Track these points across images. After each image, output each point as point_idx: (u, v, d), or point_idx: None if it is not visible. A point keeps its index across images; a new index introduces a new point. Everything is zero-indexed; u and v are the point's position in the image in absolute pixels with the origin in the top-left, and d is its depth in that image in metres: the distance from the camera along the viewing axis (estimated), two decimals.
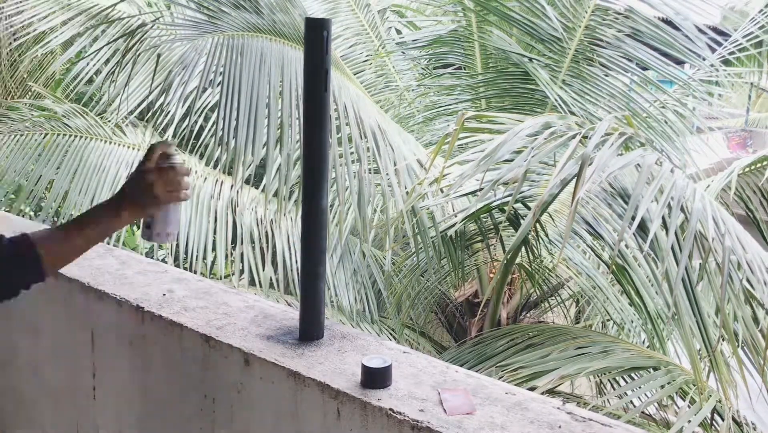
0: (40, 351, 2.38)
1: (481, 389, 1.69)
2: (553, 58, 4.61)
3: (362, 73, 5.38)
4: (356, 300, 4.34)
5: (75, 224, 1.46)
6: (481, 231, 3.78)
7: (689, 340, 2.74)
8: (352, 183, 3.46)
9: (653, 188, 2.34)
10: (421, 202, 3.47)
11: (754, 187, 3.85)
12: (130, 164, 4.55)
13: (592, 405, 3.47)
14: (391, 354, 1.83)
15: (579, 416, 1.59)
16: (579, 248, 3.92)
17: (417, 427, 1.56)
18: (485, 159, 2.53)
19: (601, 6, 4.65)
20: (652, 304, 3.42)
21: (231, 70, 3.36)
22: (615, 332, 4.29)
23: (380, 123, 3.58)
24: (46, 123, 4.62)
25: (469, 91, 4.96)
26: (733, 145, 14.41)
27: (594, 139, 2.33)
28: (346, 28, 5.50)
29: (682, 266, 2.32)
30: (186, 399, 2.02)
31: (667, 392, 3.10)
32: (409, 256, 4.24)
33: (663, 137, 4.73)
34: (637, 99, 4.89)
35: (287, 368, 1.78)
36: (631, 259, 3.34)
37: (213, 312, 2.08)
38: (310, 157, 1.89)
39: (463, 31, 5.05)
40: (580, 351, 3.21)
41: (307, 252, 1.94)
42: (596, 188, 3.19)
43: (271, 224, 4.41)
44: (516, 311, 4.32)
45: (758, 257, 2.43)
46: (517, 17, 4.64)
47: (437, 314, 4.68)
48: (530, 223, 2.99)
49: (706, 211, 2.34)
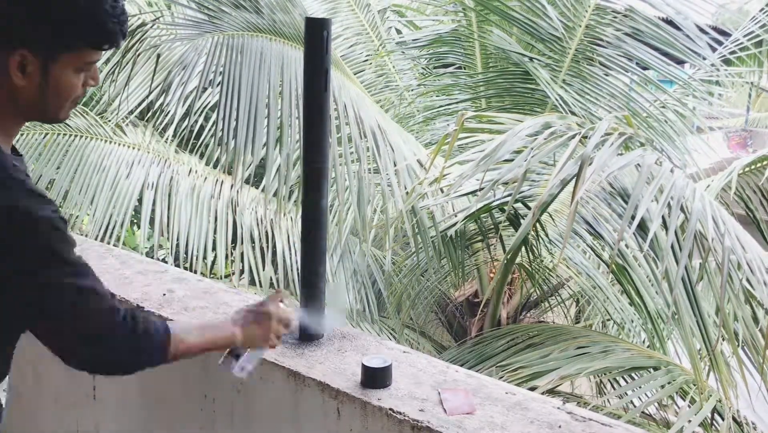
0: (41, 351, 2.38)
1: (481, 389, 1.69)
2: (554, 57, 4.61)
3: (362, 72, 5.38)
4: (356, 300, 4.34)
5: (206, 331, 1.51)
6: (481, 231, 3.78)
7: (689, 340, 2.74)
8: (352, 183, 3.46)
9: (653, 188, 2.34)
10: (421, 202, 3.47)
11: (754, 187, 3.85)
12: (131, 164, 4.55)
13: (592, 405, 3.47)
14: (391, 354, 1.83)
15: (579, 416, 1.59)
16: (579, 247, 3.92)
17: (417, 427, 1.56)
18: (485, 159, 2.53)
19: (601, 5, 4.65)
20: (652, 304, 3.42)
21: (231, 69, 3.36)
22: (615, 331, 4.29)
23: (380, 123, 3.58)
24: None
25: (469, 91, 4.95)
26: (734, 145, 14.41)
27: (594, 139, 2.33)
28: (346, 27, 5.50)
29: (682, 266, 2.32)
30: (186, 399, 2.02)
31: (668, 392, 3.10)
32: (409, 256, 4.23)
33: (663, 137, 4.73)
34: (638, 99, 4.88)
35: (287, 367, 1.78)
36: (631, 258, 3.34)
37: (213, 312, 2.08)
38: (310, 156, 1.89)
39: (464, 31, 5.05)
40: (580, 351, 3.21)
41: (307, 252, 1.94)
42: (596, 188, 3.19)
43: (271, 224, 4.41)
44: (516, 310, 4.32)
45: (758, 256, 2.43)
46: (517, 17, 4.64)
47: (437, 313, 4.68)
48: (530, 223, 2.99)
49: (706, 211, 2.34)
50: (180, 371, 2.03)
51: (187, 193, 4.46)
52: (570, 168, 2.42)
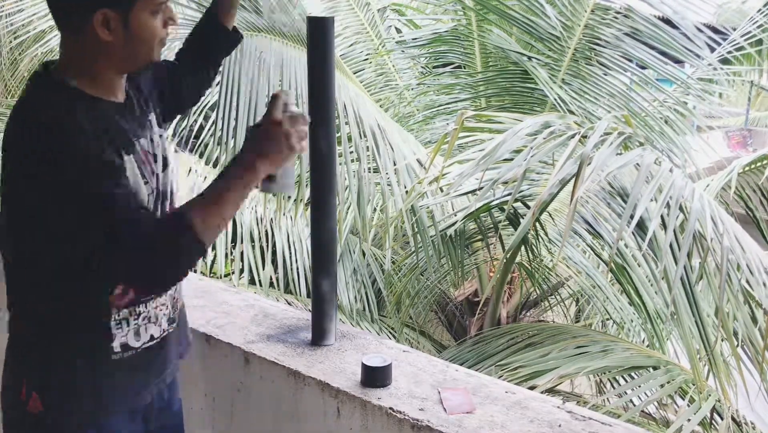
0: None
1: (481, 388, 1.69)
2: (553, 57, 4.61)
3: (362, 72, 5.38)
4: (356, 299, 4.34)
5: (220, 186, 1.36)
6: (480, 230, 3.79)
7: (688, 339, 2.75)
8: (352, 182, 3.46)
9: (652, 187, 2.34)
10: (421, 201, 3.48)
11: (754, 186, 3.85)
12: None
13: (591, 404, 3.47)
14: (391, 353, 1.83)
15: (579, 415, 1.59)
16: (578, 247, 3.93)
17: (417, 426, 1.56)
18: (485, 158, 2.53)
19: (600, 5, 4.65)
20: (652, 303, 3.42)
21: (230, 69, 3.36)
22: (614, 331, 4.29)
23: (380, 122, 3.58)
24: None
25: (469, 90, 4.96)
26: (734, 144, 14.40)
27: (593, 138, 2.33)
28: (345, 27, 5.50)
29: (681, 266, 2.32)
30: (186, 398, 2.02)
31: (667, 391, 3.11)
32: (408, 255, 4.24)
33: (662, 136, 4.73)
34: (637, 98, 4.89)
35: (287, 367, 1.78)
36: (630, 258, 3.34)
37: (213, 311, 2.08)
38: (316, 155, 1.88)
39: (463, 30, 5.06)
40: (579, 350, 3.21)
41: (318, 253, 1.92)
42: (595, 187, 3.19)
43: (271, 223, 4.41)
44: (516, 310, 4.33)
45: (757, 257, 2.43)
46: (516, 16, 4.64)
47: (437, 313, 4.68)
48: (530, 222, 2.99)
49: (705, 211, 2.34)
50: (180, 371, 2.03)
51: (186, 192, 4.46)
52: (569, 167, 2.42)
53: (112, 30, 1.34)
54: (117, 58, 1.38)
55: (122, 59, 1.39)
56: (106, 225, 1.28)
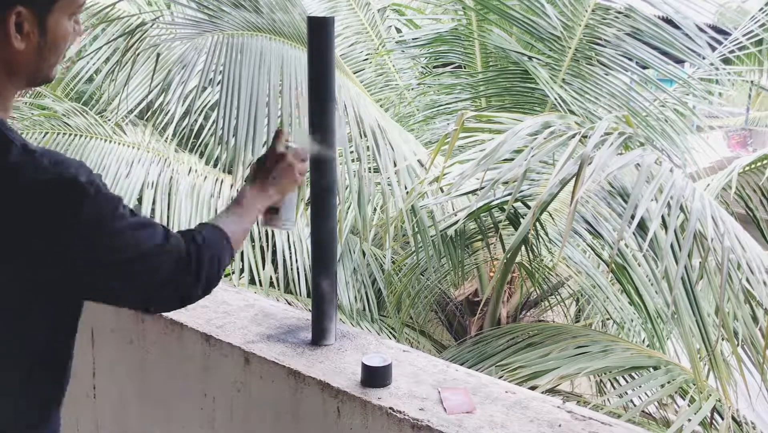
0: None
1: (481, 388, 1.69)
2: (553, 56, 4.61)
3: (362, 71, 5.38)
4: (356, 299, 4.34)
5: (241, 206, 1.45)
6: (481, 230, 3.79)
7: (689, 339, 2.75)
8: (352, 182, 3.46)
9: (653, 187, 2.34)
10: (421, 201, 3.48)
11: (754, 186, 3.86)
12: (130, 163, 4.55)
13: (592, 404, 3.47)
14: (391, 353, 1.83)
15: (579, 415, 1.59)
16: (579, 246, 3.92)
17: (417, 426, 1.56)
18: (485, 158, 2.53)
19: (600, 5, 4.65)
20: (652, 303, 3.42)
21: (231, 69, 3.36)
22: (615, 331, 4.29)
23: (380, 122, 3.58)
24: (46, 122, 4.62)
25: (469, 90, 4.96)
26: (734, 144, 14.40)
27: (593, 138, 2.33)
28: (345, 27, 5.50)
29: (681, 265, 2.32)
30: (186, 398, 2.02)
31: (667, 391, 3.11)
32: (409, 255, 4.24)
33: (663, 136, 4.73)
34: (637, 98, 4.88)
35: (287, 366, 1.78)
36: (630, 258, 3.34)
37: (213, 311, 2.08)
38: (316, 157, 1.87)
39: (463, 30, 5.06)
40: (580, 350, 3.21)
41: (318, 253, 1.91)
42: (596, 187, 3.19)
43: None
44: (516, 309, 4.33)
45: (757, 256, 2.43)
46: (517, 16, 4.64)
47: (437, 312, 4.68)
48: (530, 222, 2.99)
49: (706, 211, 2.34)
50: (180, 371, 2.03)
51: (187, 192, 4.46)
52: (570, 167, 2.42)
53: (24, 35, 1.13)
54: (21, 71, 1.17)
55: (25, 73, 1.18)
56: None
